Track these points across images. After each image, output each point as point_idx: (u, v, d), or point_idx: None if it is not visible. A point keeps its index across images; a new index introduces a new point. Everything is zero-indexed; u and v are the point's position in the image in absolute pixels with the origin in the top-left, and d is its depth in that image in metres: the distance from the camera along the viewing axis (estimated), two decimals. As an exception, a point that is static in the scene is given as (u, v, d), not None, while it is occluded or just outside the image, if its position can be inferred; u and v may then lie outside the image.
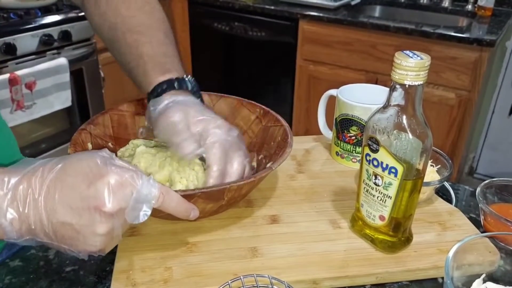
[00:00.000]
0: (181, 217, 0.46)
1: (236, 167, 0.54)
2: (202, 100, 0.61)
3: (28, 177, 0.41)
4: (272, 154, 0.63)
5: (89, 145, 0.59)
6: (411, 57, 0.45)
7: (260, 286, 0.45)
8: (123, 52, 0.61)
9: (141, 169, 0.55)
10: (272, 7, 2.07)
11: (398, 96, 0.47)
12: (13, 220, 0.40)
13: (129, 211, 0.42)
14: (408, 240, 0.54)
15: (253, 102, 0.68)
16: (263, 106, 0.67)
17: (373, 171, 0.51)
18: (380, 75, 1.92)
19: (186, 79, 0.59)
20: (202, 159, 0.56)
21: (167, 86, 0.57)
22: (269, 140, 0.65)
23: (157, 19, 0.63)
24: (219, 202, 0.53)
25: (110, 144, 0.62)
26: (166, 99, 0.56)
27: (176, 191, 0.46)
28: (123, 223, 0.43)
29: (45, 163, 0.42)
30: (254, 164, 0.66)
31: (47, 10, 1.84)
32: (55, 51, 1.80)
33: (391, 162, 0.49)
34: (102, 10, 0.63)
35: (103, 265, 0.53)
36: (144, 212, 0.43)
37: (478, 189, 0.60)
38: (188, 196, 0.48)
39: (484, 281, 0.46)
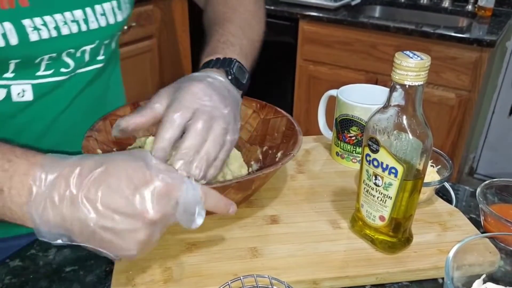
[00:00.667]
0: (221, 213, 0.46)
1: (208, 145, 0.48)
2: (238, 82, 0.57)
3: (66, 176, 0.39)
4: (279, 144, 0.63)
5: (99, 151, 0.58)
6: (411, 58, 0.45)
7: (260, 287, 0.45)
8: (206, 39, 0.67)
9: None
10: (272, 7, 2.07)
11: (398, 97, 0.47)
12: (49, 219, 0.39)
13: (180, 217, 0.42)
14: (408, 240, 0.54)
15: (248, 97, 0.67)
16: (260, 100, 0.68)
17: (373, 172, 0.51)
18: (380, 75, 1.92)
19: (226, 59, 0.59)
20: None
21: (204, 65, 0.59)
22: (272, 131, 0.66)
23: (242, 17, 0.70)
24: (247, 191, 0.55)
25: (114, 149, 0.62)
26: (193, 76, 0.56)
27: (211, 184, 0.47)
28: (162, 229, 0.42)
29: (83, 161, 0.41)
30: (260, 156, 0.66)
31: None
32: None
33: (391, 163, 0.49)
34: (209, 8, 0.74)
35: (103, 265, 0.53)
36: (199, 214, 0.43)
37: (478, 190, 0.60)
38: (222, 187, 0.48)
39: (484, 281, 0.46)
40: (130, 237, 0.40)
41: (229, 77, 0.57)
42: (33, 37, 0.55)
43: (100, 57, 0.66)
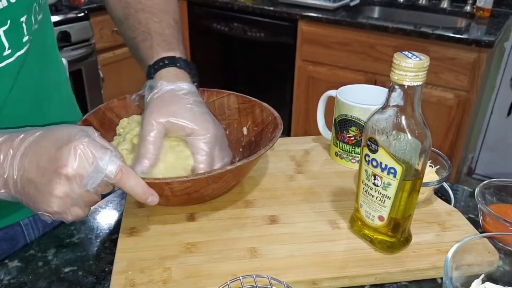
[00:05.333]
0: (137, 198, 0.48)
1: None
2: (198, 86, 0.62)
3: (11, 138, 0.46)
4: (239, 117, 0.66)
5: None
6: (410, 58, 0.45)
7: (259, 287, 0.45)
8: (132, 27, 0.65)
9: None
10: (271, 8, 2.07)
11: (397, 97, 0.47)
12: None
13: (87, 179, 0.45)
14: (407, 240, 0.54)
15: None
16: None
17: (372, 172, 0.51)
18: (378, 76, 1.92)
19: (188, 61, 0.61)
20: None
21: (168, 62, 0.59)
22: (221, 111, 0.68)
23: (171, 6, 0.67)
24: (243, 176, 0.59)
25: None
26: (164, 85, 0.57)
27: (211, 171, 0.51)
28: (83, 193, 0.45)
29: (30, 129, 0.47)
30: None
31: (46, 11, 1.84)
32: (54, 52, 1.80)
33: (390, 163, 0.49)
34: None
35: (102, 265, 0.53)
36: (103, 180, 0.45)
37: (477, 190, 0.60)
38: (219, 174, 0.51)
39: (483, 281, 0.46)
40: (47, 191, 0.44)
41: (195, 84, 0.60)
42: None
43: (26, 38, 0.57)
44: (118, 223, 0.59)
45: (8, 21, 0.54)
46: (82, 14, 1.90)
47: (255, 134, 0.66)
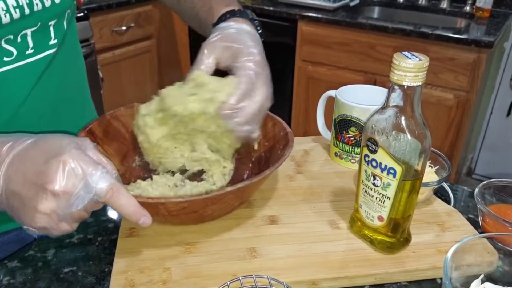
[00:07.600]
0: (129, 219, 0.45)
1: (257, 99, 0.54)
2: (260, 31, 0.65)
3: (0, 145, 0.44)
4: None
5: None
6: (410, 58, 0.45)
7: (259, 287, 0.45)
8: (189, 0, 0.70)
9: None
10: (271, 8, 2.07)
11: (396, 97, 0.47)
12: None
13: (74, 199, 0.41)
14: (406, 240, 0.54)
15: None
16: None
17: (372, 172, 0.51)
18: (378, 76, 1.92)
19: (247, 11, 0.64)
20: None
21: (230, 15, 0.62)
22: None
23: None
24: (246, 198, 0.57)
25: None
26: (230, 25, 0.60)
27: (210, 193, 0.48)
28: (67, 208, 0.42)
29: (21, 136, 0.45)
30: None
31: (45, 11, 1.84)
32: (53, 52, 1.80)
33: (390, 163, 0.49)
34: None
35: (101, 266, 0.53)
36: (92, 199, 0.42)
37: (476, 190, 0.60)
38: (220, 194, 0.49)
39: (483, 281, 0.46)
40: (32, 206, 0.41)
41: (257, 28, 0.64)
42: None
43: (53, 41, 0.59)
44: (118, 223, 0.59)
45: (39, 23, 0.55)
46: (81, 14, 1.89)
47: (265, 150, 0.64)
